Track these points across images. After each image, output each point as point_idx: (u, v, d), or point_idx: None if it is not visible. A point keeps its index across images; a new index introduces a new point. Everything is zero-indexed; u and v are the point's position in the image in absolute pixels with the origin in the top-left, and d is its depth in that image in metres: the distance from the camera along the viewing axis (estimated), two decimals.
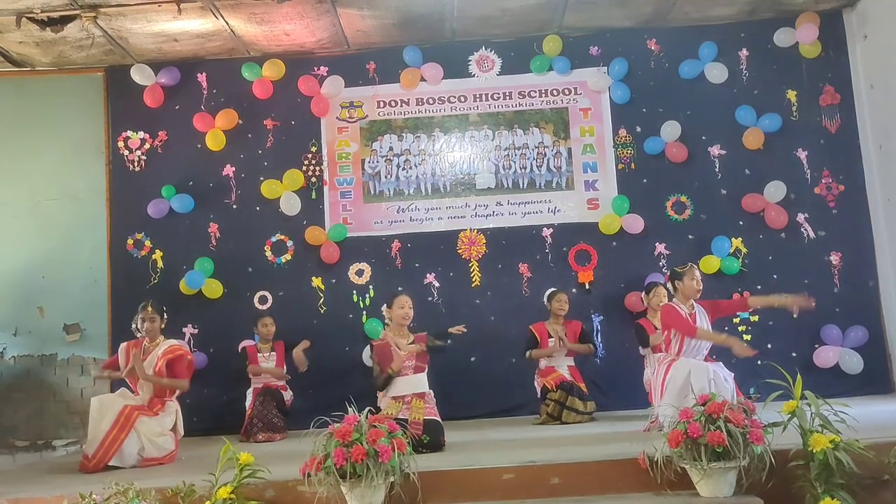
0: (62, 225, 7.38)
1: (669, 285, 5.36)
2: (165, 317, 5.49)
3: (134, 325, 5.43)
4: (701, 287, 5.16)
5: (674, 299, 5.28)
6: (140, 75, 7.33)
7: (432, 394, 5.08)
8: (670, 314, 5.09)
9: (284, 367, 6.60)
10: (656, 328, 6.05)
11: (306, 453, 3.65)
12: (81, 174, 7.45)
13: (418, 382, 5.04)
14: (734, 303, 5.54)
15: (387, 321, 5.36)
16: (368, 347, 5.21)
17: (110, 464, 4.93)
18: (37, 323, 7.26)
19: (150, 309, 5.35)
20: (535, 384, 6.37)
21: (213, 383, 6.85)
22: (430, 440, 4.70)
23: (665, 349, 5.21)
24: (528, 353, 6.37)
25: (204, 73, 7.48)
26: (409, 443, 3.68)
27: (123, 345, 5.45)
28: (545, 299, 6.55)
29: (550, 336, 6.39)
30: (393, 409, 4.89)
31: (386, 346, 5.10)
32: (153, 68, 7.36)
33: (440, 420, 4.95)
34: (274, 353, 6.60)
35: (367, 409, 3.80)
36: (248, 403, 6.44)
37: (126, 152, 7.39)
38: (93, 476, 4.66)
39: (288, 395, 6.51)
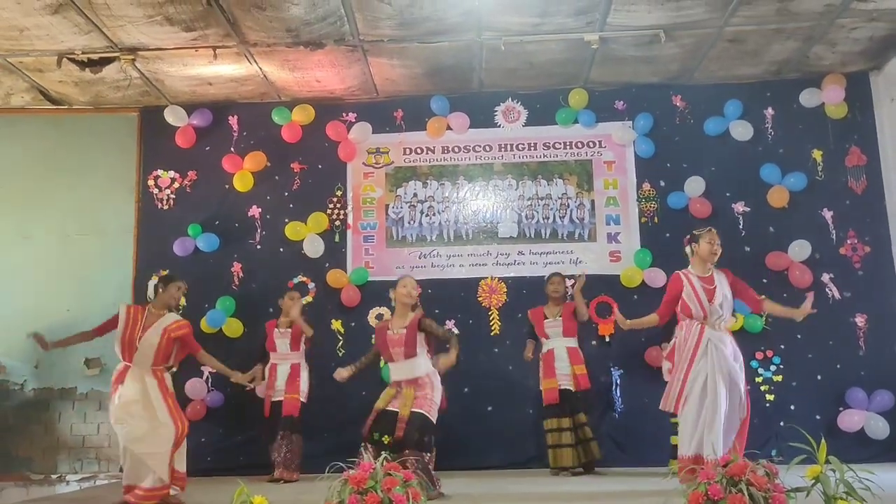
0: (89, 259, 7.49)
1: (687, 249, 5.20)
2: (183, 295, 5.47)
3: (150, 291, 5.18)
4: (718, 251, 5.03)
5: (689, 266, 5.15)
6: (173, 116, 7.50)
7: (431, 379, 4.85)
8: (670, 285, 5.12)
9: (301, 349, 6.43)
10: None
11: (320, 501, 3.62)
12: (111, 210, 7.59)
13: (410, 368, 4.83)
14: (751, 297, 5.20)
15: (393, 303, 5.19)
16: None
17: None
18: (58, 356, 7.26)
19: (182, 283, 5.28)
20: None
21: (230, 423, 6.83)
22: (407, 438, 4.58)
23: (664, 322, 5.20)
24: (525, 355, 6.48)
25: (235, 116, 7.64)
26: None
27: (124, 306, 5.18)
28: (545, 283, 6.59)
29: (546, 318, 6.42)
30: (386, 397, 4.83)
31: (382, 330, 5.05)
32: (186, 110, 7.53)
33: (427, 415, 4.73)
34: (290, 330, 6.42)
35: (383, 456, 3.77)
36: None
37: (156, 190, 7.53)
38: None
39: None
